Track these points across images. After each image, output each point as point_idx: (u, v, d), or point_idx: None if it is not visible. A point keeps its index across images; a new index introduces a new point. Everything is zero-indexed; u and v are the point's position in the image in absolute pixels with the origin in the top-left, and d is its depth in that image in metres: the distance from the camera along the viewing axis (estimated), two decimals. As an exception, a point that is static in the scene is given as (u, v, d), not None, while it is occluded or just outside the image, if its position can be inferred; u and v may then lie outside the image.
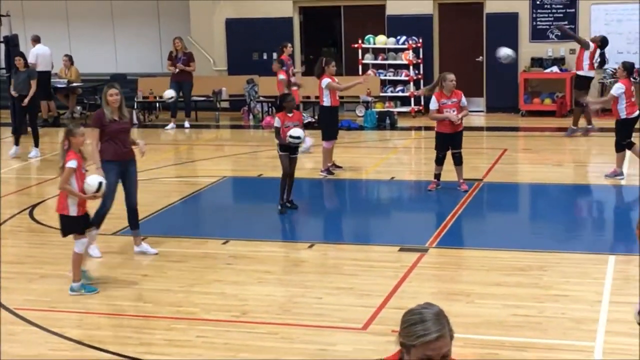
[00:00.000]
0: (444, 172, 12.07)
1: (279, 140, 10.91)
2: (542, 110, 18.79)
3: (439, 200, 11.86)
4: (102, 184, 8.34)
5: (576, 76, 16.50)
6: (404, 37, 19.19)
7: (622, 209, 11.75)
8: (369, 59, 19.47)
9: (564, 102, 18.53)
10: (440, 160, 11.97)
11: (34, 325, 7.57)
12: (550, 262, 8.90)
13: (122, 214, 9.69)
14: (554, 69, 18.67)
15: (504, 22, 18.96)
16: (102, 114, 9.21)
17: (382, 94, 19.28)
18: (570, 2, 18.67)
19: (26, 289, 8.53)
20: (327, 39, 21.95)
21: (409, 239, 9.86)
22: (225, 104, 20.30)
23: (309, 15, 20.88)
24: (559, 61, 18.74)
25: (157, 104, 20.30)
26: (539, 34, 18.95)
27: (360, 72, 18.60)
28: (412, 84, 19.22)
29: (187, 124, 18.87)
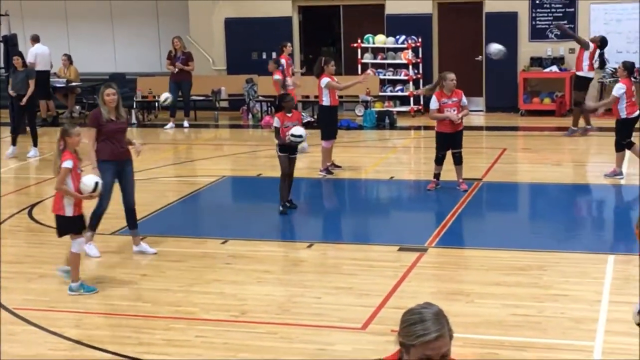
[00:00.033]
0: (444, 171, 12.07)
1: (279, 140, 10.87)
2: (541, 109, 18.79)
3: (439, 199, 11.85)
4: (99, 184, 8.33)
5: (575, 76, 16.51)
6: (403, 37, 19.18)
7: (621, 208, 11.74)
8: (368, 59, 19.47)
9: (563, 102, 18.52)
10: (440, 160, 11.97)
11: (33, 325, 7.56)
12: (549, 261, 8.90)
13: (120, 214, 9.68)
14: (553, 69, 18.66)
15: (503, 21, 18.95)
16: (99, 113, 9.20)
17: (381, 94, 19.27)
18: (569, 1, 18.67)
19: (25, 289, 8.52)
20: (326, 38, 21.95)
21: (408, 239, 9.85)
22: (224, 104, 20.30)
23: (308, 14, 20.88)
24: (558, 60, 18.74)
25: (156, 104, 20.29)
26: (538, 34, 18.94)
27: (359, 72, 18.59)
28: (411, 83, 19.22)
29: (186, 124, 18.86)
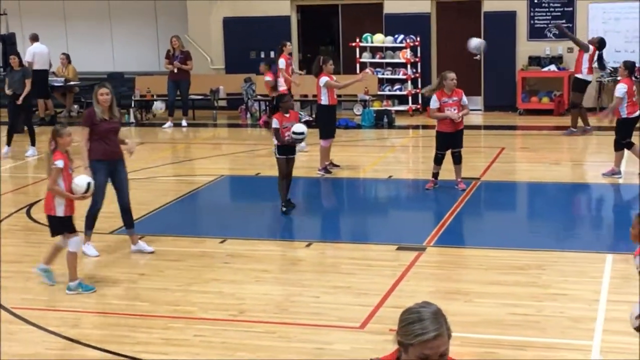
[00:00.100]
0: (442, 171, 12.06)
1: (279, 141, 10.85)
2: (539, 108, 18.79)
3: (437, 199, 11.84)
4: (91, 184, 8.34)
5: (574, 78, 16.48)
6: (402, 36, 19.18)
7: (619, 207, 11.73)
8: (366, 58, 19.46)
9: (562, 101, 18.52)
10: (439, 159, 11.95)
11: (31, 324, 7.56)
12: (548, 260, 8.90)
13: (118, 213, 9.66)
14: (551, 68, 18.66)
15: (502, 20, 18.95)
16: (92, 112, 9.21)
17: (379, 93, 19.28)
18: (568, 0, 18.67)
19: (23, 288, 8.51)
20: (324, 37, 21.95)
21: (406, 238, 9.85)
22: (222, 103, 20.29)
23: (306, 13, 20.87)
24: (556, 60, 18.73)
25: (154, 103, 20.26)
26: (537, 33, 18.94)
27: (358, 71, 18.58)
28: (409, 82, 19.21)
29: (184, 123, 18.84)
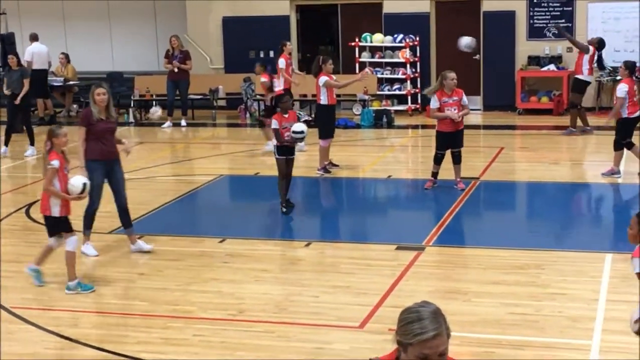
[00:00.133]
0: (441, 170, 12.06)
1: (280, 141, 10.85)
2: (539, 108, 18.80)
3: (436, 198, 11.85)
4: (86, 185, 8.34)
5: (574, 79, 16.46)
6: (401, 35, 19.18)
7: (619, 207, 11.74)
8: (365, 57, 19.46)
9: (561, 100, 18.52)
10: (439, 159, 11.94)
11: (30, 324, 7.56)
12: (547, 260, 8.90)
13: (117, 213, 9.65)
14: (551, 67, 18.66)
15: (501, 20, 18.95)
16: (89, 112, 9.22)
17: (379, 93, 19.28)
18: (567, 0, 18.66)
19: (23, 288, 8.50)
20: (324, 37, 21.94)
21: (406, 238, 9.85)
22: (222, 102, 20.29)
23: (305, 13, 20.87)
24: (556, 59, 18.73)
25: (154, 102, 20.26)
26: (536, 32, 18.94)
27: (357, 71, 18.58)
28: (409, 82, 19.21)
29: (183, 122, 18.84)
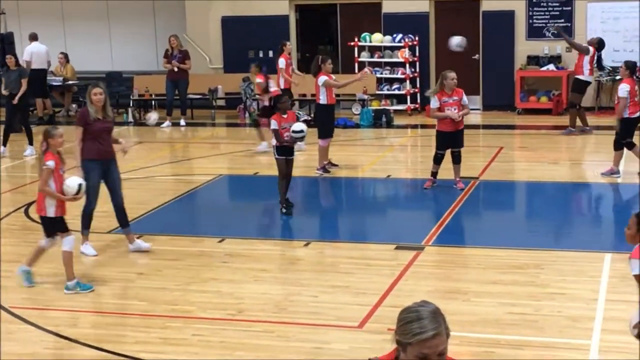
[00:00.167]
0: (441, 170, 12.05)
1: (279, 141, 10.84)
2: (538, 108, 18.79)
3: (435, 198, 11.84)
4: (82, 186, 8.33)
5: (575, 79, 16.43)
6: (400, 35, 19.17)
7: (618, 207, 11.74)
8: (365, 57, 19.46)
9: (560, 100, 18.52)
10: (439, 159, 11.93)
11: (29, 323, 7.56)
12: (546, 260, 8.90)
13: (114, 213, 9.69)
14: (550, 67, 18.66)
15: (500, 19, 18.95)
16: (86, 112, 9.22)
17: (378, 92, 19.28)
18: (566, 0, 18.67)
19: (22, 288, 8.48)
20: (323, 37, 21.94)
21: (405, 237, 9.85)
22: (221, 102, 20.28)
23: (305, 13, 20.86)
24: (555, 59, 18.73)
25: (153, 102, 20.27)
26: (535, 32, 18.94)
27: (356, 70, 18.57)
28: (408, 82, 19.20)
29: (182, 122, 18.83)
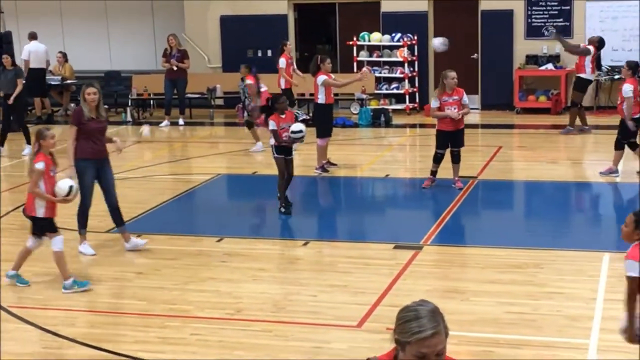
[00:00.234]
0: (440, 169, 12.04)
1: (278, 141, 10.84)
2: (537, 107, 18.79)
3: (434, 197, 11.84)
4: (73, 188, 8.33)
5: (577, 78, 16.41)
6: (399, 35, 19.17)
7: (617, 206, 11.74)
8: (363, 57, 19.45)
9: (559, 100, 18.52)
10: (438, 158, 11.92)
11: (28, 323, 7.56)
12: (545, 259, 8.90)
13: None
14: (549, 67, 18.65)
15: (499, 19, 18.94)
16: (81, 111, 9.23)
17: (377, 92, 19.27)
18: (565, -1, 18.68)
19: (20, 287, 8.49)
20: (321, 36, 21.93)
21: (403, 237, 9.85)
22: (219, 102, 20.27)
23: (303, 12, 20.85)
24: (554, 58, 18.72)
25: (151, 101, 20.26)
26: (534, 31, 18.93)
27: (355, 70, 18.57)
28: (407, 81, 19.20)
29: (181, 122, 18.83)
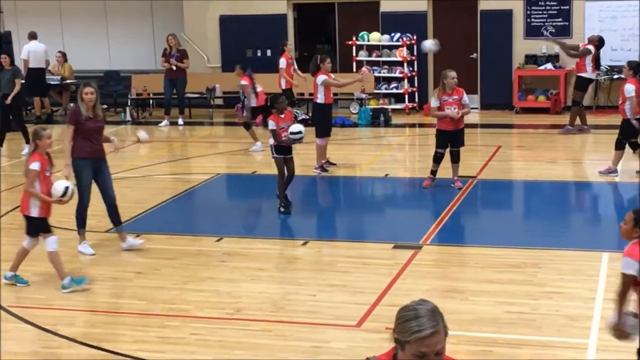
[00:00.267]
0: (439, 169, 12.05)
1: (278, 141, 10.84)
2: (536, 107, 18.79)
3: (433, 197, 11.84)
4: (68, 190, 8.33)
5: (578, 77, 16.41)
6: (398, 34, 19.17)
7: (616, 206, 11.75)
8: (363, 56, 19.45)
9: (558, 99, 18.52)
10: (438, 158, 11.91)
11: (27, 323, 7.56)
12: (544, 259, 8.90)
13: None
14: (548, 66, 18.66)
15: (498, 19, 18.94)
16: (78, 110, 9.24)
17: (376, 91, 19.28)
18: (564, -1, 18.69)
19: (19, 287, 8.50)
20: (321, 36, 21.93)
21: (403, 236, 9.86)
22: (219, 101, 20.27)
23: (303, 12, 20.85)
24: (553, 58, 18.73)
25: (151, 101, 20.26)
26: (533, 31, 18.94)
27: (354, 69, 18.58)
28: (406, 80, 19.20)
29: (180, 121, 18.83)
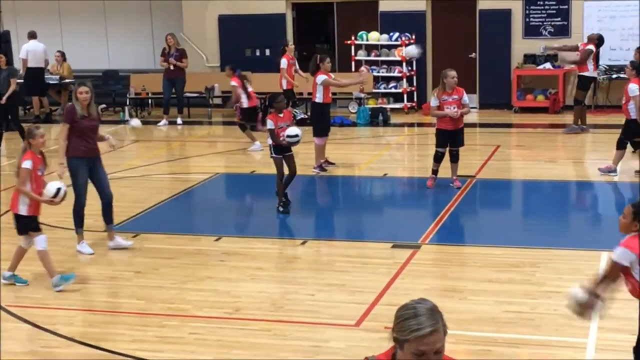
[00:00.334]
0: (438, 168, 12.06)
1: (275, 141, 10.84)
2: (535, 106, 18.80)
3: (432, 197, 11.84)
4: (60, 191, 8.34)
5: (580, 76, 16.41)
6: (397, 34, 19.17)
7: (615, 205, 11.74)
8: (362, 56, 19.45)
9: (557, 99, 18.53)
10: (439, 157, 11.90)
11: (26, 322, 7.56)
12: (543, 258, 8.91)
13: (115, 211, 9.66)
14: (546, 66, 18.66)
15: (497, 18, 18.95)
16: (73, 109, 9.25)
17: (375, 91, 19.28)
18: (563, -2, 18.69)
19: (18, 286, 8.49)
20: (320, 35, 21.93)
21: (401, 236, 9.86)
22: (217, 101, 20.26)
23: (301, 11, 20.85)
24: (552, 58, 18.73)
25: (150, 101, 20.26)
26: (532, 31, 18.94)
27: (353, 69, 18.58)
28: (405, 80, 19.20)
29: (179, 121, 18.83)
